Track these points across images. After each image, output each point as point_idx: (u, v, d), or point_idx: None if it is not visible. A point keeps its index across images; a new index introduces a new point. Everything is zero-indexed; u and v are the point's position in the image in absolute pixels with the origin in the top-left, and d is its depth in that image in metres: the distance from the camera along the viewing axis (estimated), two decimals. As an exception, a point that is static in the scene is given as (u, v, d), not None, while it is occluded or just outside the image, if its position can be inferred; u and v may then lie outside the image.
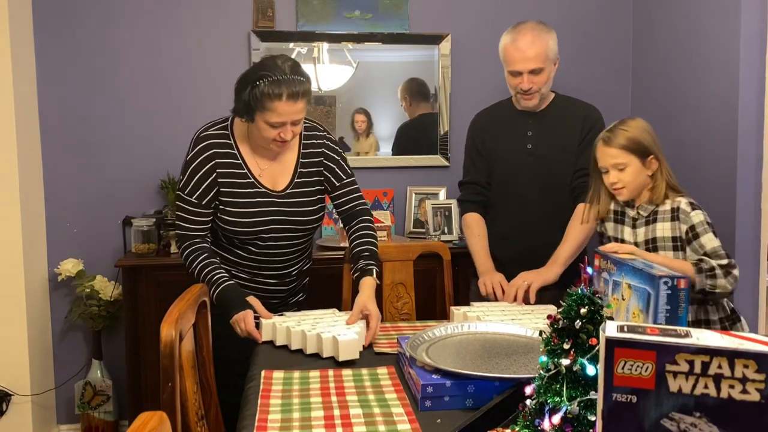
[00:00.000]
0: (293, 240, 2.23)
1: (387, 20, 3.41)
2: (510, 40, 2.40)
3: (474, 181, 2.59)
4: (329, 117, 3.42)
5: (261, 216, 2.15)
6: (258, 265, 2.23)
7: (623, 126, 2.07)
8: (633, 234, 2.09)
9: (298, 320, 2.02)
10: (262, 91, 1.98)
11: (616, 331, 0.85)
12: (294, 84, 1.99)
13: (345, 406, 1.50)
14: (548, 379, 1.14)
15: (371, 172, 3.47)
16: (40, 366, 3.11)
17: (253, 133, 2.12)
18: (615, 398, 0.83)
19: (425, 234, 3.32)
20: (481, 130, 2.61)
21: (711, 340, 0.80)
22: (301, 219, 2.20)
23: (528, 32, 2.37)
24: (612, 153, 2.04)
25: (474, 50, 3.47)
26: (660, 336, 0.82)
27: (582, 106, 2.53)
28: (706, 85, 2.93)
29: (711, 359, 0.78)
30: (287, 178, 2.20)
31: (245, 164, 2.16)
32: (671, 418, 0.81)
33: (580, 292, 1.13)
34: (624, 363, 0.82)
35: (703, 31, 2.96)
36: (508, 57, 2.41)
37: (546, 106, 2.50)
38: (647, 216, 2.07)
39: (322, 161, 2.25)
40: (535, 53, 2.35)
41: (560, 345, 1.13)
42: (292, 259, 2.27)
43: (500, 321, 2.00)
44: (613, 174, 2.06)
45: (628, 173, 2.04)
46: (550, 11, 3.51)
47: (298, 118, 2.06)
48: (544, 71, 2.39)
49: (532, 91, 2.40)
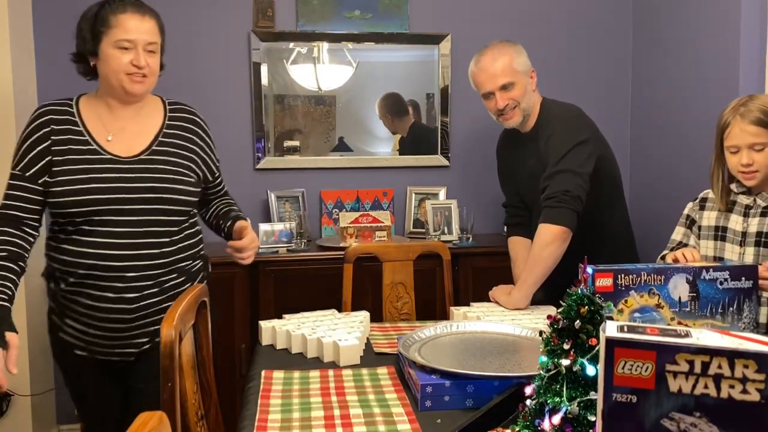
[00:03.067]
0: (152, 220, 1.83)
1: (387, 20, 3.41)
2: (474, 64, 2.38)
3: (509, 204, 2.62)
4: (329, 117, 3.42)
5: (100, 183, 1.79)
6: (108, 264, 1.80)
7: (761, 102, 1.78)
8: (743, 222, 1.87)
9: (298, 323, 2.02)
10: (106, 11, 1.81)
11: (617, 331, 0.85)
12: (140, 4, 1.86)
13: (345, 406, 1.50)
14: (548, 379, 1.14)
15: (371, 172, 3.47)
16: (40, 366, 3.11)
17: (106, 78, 1.85)
18: (615, 398, 0.83)
19: (425, 234, 3.32)
20: (501, 153, 2.63)
21: (711, 340, 0.80)
22: (158, 187, 1.84)
23: (488, 51, 2.35)
24: (751, 130, 1.77)
25: (474, 50, 3.44)
26: (660, 336, 0.82)
27: (553, 112, 2.37)
28: (706, 81, 2.93)
29: (711, 359, 0.78)
30: (145, 142, 1.89)
31: (87, 130, 1.85)
32: (671, 418, 0.81)
33: (580, 292, 1.13)
34: (624, 363, 0.82)
35: (703, 26, 2.95)
36: (476, 81, 2.37)
37: (537, 120, 2.38)
38: (765, 206, 1.85)
39: (195, 141, 1.98)
40: (500, 69, 2.29)
41: (560, 345, 1.13)
42: (158, 254, 1.85)
43: (500, 321, 2.00)
44: (747, 154, 1.79)
45: (765, 154, 1.78)
46: (549, 10, 3.51)
47: (150, 40, 1.83)
48: (516, 85, 2.30)
49: (509, 108, 2.32)
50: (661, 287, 1.59)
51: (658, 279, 1.59)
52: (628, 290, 1.57)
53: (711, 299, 1.61)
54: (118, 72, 1.82)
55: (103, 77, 1.87)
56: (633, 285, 1.57)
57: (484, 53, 2.36)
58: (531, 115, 2.38)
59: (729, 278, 1.62)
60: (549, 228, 2.14)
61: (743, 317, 1.63)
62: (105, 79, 1.86)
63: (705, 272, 1.61)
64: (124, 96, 1.88)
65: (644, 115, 3.48)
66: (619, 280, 1.56)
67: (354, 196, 3.40)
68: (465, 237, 3.21)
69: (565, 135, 2.25)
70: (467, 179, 3.52)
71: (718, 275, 1.62)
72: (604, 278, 1.55)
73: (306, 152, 3.41)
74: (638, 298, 1.58)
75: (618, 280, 1.56)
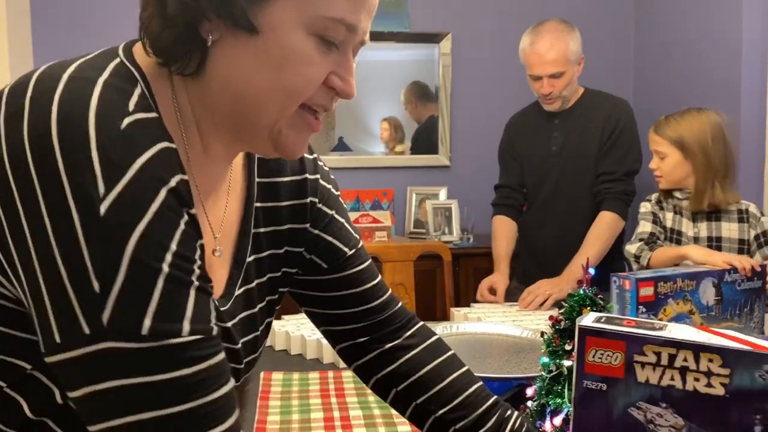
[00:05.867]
0: None
1: (387, 19, 3.40)
2: (529, 43, 2.35)
3: (506, 184, 2.59)
4: (328, 116, 3.41)
5: None
6: None
7: (679, 118, 2.03)
8: (693, 227, 2.01)
9: (297, 324, 2.01)
10: None
11: (592, 321, 0.88)
12: None
13: (345, 408, 1.49)
14: (550, 380, 1.13)
15: (371, 172, 3.46)
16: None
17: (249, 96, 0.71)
18: (586, 385, 0.86)
19: (425, 234, 3.31)
20: (512, 132, 2.60)
21: (682, 334, 0.83)
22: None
23: (547, 34, 2.32)
24: (656, 140, 2.03)
25: (475, 49, 3.46)
26: (632, 328, 0.85)
27: (608, 103, 2.46)
28: (708, 77, 2.92)
29: (677, 352, 0.81)
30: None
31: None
32: (638, 407, 0.83)
33: (583, 293, 1.12)
34: (595, 352, 0.85)
35: (705, 21, 2.95)
36: (527, 60, 2.36)
37: (571, 105, 2.44)
38: (709, 211, 2.00)
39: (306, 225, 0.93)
40: (554, 57, 2.29)
41: (562, 346, 1.12)
42: None
43: (501, 322, 1.99)
44: (655, 161, 2.04)
45: (666, 163, 2.01)
46: (550, 9, 3.50)
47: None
48: (565, 74, 2.33)
49: (553, 95, 2.36)
50: (693, 293, 1.62)
51: (691, 284, 1.61)
52: (667, 298, 1.59)
53: (731, 301, 1.64)
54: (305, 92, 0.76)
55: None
56: (671, 293, 1.59)
57: (542, 35, 2.33)
58: (568, 100, 2.43)
59: (745, 279, 1.66)
60: (617, 220, 2.30)
61: (754, 317, 1.65)
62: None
63: (727, 274, 1.65)
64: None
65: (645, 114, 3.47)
66: (659, 288, 1.57)
67: (354, 196, 3.39)
68: (465, 237, 3.20)
69: (636, 133, 2.39)
70: (468, 179, 3.51)
71: (737, 276, 1.67)
72: (646, 287, 1.56)
73: (306, 152, 3.40)
74: (675, 306, 1.59)
75: (658, 288, 1.57)
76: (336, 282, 0.95)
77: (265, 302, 0.90)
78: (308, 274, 0.95)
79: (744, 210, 1.97)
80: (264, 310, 0.90)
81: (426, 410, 0.95)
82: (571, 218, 2.42)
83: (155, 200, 0.61)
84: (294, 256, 0.92)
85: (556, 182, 2.45)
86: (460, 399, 0.95)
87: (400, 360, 0.97)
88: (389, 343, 0.98)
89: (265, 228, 0.87)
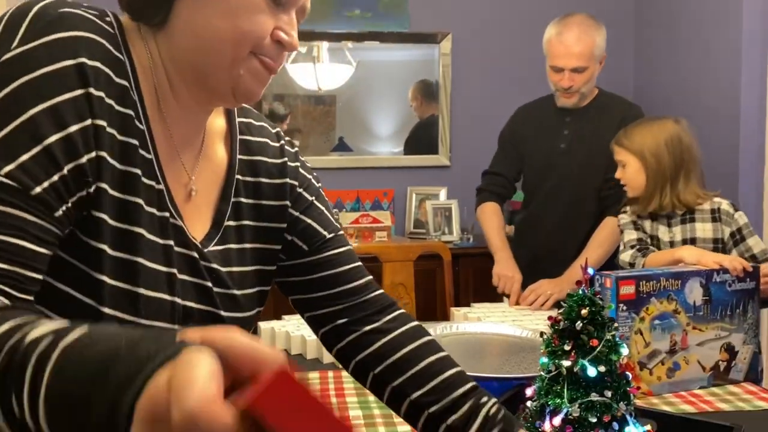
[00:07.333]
0: None
1: (387, 19, 3.40)
2: (555, 33, 2.31)
3: (500, 172, 2.54)
4: (329, 117, 3.41)
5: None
6: None
7: (638, 126, 2.03)
8: (668, 232, 2.00)
9: (297, 324, 2.01)
10: None
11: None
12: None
13: (345, 408, 1.49)
14: (549, 380, 1.13)
15: (371, 172, 3.46)
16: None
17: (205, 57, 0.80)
18: None
19: (425, 234, 3.31)
20: (518, 123, 2.55)
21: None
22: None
23: (575, 27, 2.29)
24: (617, 150, 2.03)
25: (475, 49, 3.46)
26: None
27: (623, 106, 2.43)
28: (708, 75, 2.92)
29: None
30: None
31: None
32: None
33: (581, 293, 1.12)
34: None
35: (705, 21, 2.95)
36: (552, 50, 2.32)
37: (586, 104, 2.41)
38: (683, 214, 1.99)
39: (290, 187, 0.96)
40: (579, 50, 2.26)
41: (561, 346, 1.12)
42: None
43: (501, 322, 1.99)
44: (619, 170, 2.04)
45: (624, 172, 2.02)
46: (551, 8, 3.50)
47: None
48: (587, 70, 2.30)
49: (573, 90, 2.32)
50: (678, 292, 1.59)
51: (675, 284, 1.59)
52: (650, 297, 1.57)
53: (721, 302, 1.61)
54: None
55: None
56: (654, 291, 1.57)
57: (570, 27, 2.30)
58: (585, 97, 2.39)
59: (736, 279, 1.63)
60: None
61: (747, 318, 1.63)
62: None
63: (716, 274, 1.62)
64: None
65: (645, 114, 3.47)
66: (641, 287, 1.56)
67: (354, 196, 3.39)
68: (465, 237, 3.20)
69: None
70: (468, 179, 3.51)
71: (728, 277, 1.63)
72: (627, 286, 1.54)
73: (305, 152, 3.40)
74: (658, 305, 1.57)
75: (640, 287, 1.56)
76: (316, 263, 0.98)
77: (256, 268, 0.93)
78: (291, 258, 0.98)
79: (716, 209, 1.95)
80: (256, 274, 0.93)
81: (402, 393, 0.96)
82: (570, 218, 2.41)
83: (54, 64, 0.69)
84: (276, 231, 0.95)
85: (560, 180, 2.41)
86: (436, 382, 0.96)
87: (378, 343, 0.99)
88: (367, 326, 1.00)
89: (246, 199, 0.91)
